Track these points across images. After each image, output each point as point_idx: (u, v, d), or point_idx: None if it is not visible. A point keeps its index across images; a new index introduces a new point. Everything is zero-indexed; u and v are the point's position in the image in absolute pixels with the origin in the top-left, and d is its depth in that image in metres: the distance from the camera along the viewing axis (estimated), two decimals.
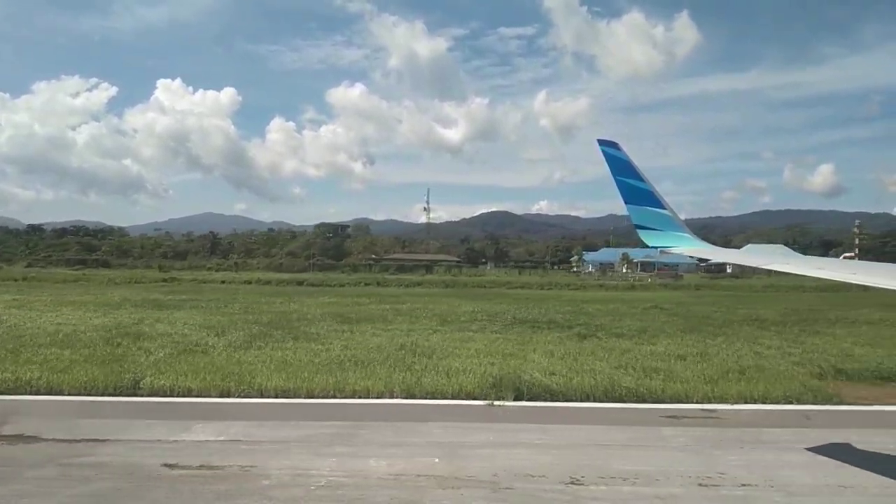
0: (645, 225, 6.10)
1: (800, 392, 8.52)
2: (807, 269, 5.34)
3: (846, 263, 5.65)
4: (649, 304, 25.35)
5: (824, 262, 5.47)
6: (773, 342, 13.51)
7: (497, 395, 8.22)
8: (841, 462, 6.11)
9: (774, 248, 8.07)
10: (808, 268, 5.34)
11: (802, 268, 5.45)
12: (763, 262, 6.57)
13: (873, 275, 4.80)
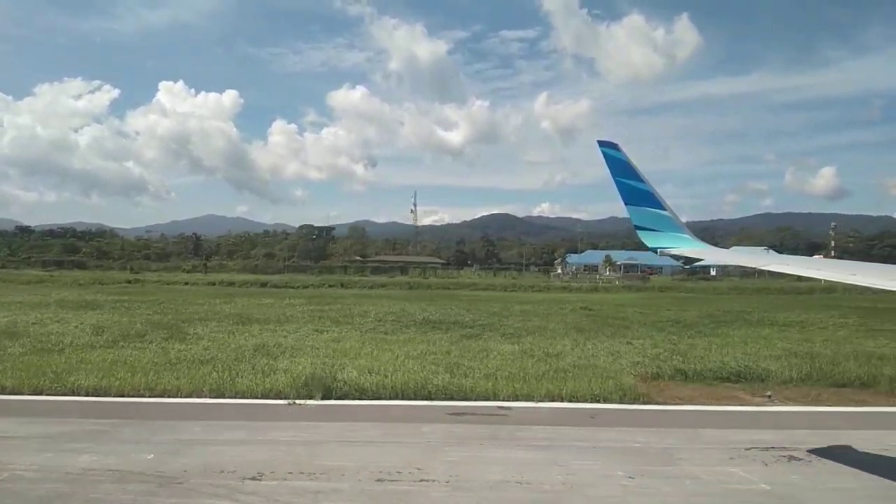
0: (645, 226, 6.09)
1: (609, 391, 8.57)
2: (805, 270, 5.33)
3: (845, 264, 5.61)
4: (583, 304, 25.37)
5: (822, 263, 5.46)
6: (646, 342, 13.59)
7: (305, 393, 8.36)
8: (586, 459, 6.18)
9: (757, 250, 8.27)
10: (807, 269, 5.33)
11: (801, 269, 5.44)
12: (763, 263, 6.76)
13: (872, 276, 4.84)
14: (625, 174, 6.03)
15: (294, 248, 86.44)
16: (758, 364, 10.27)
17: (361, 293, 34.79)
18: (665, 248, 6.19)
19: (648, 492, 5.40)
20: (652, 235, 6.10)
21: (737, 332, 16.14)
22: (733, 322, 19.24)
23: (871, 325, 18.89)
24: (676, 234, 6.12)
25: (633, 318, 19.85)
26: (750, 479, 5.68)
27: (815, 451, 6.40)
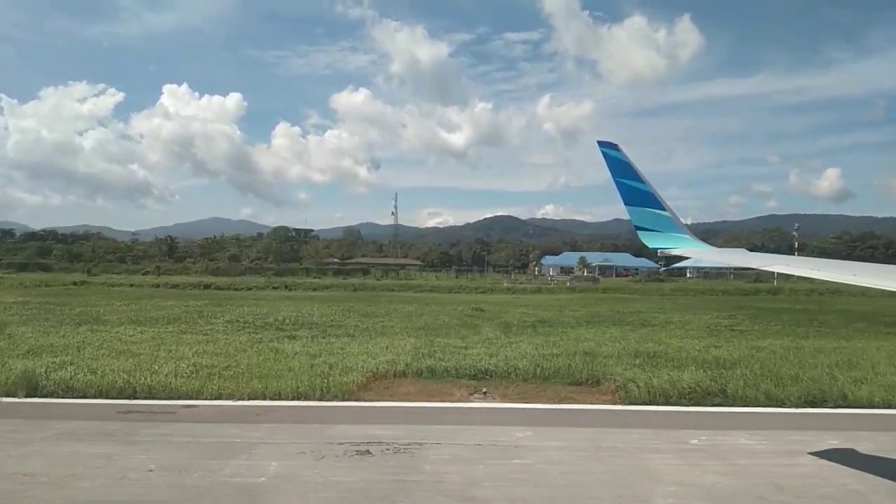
0: (645, 226, 6.08)
1: (313, 388, 8.66)
2: (806, 270, 5.34)
3: (846, 265, 5.45)
4: (478, 305, 25.36)
5: (823, 264, 5.35)
6: (451, 340, 13.58)
7: (13, 391, 8.48)
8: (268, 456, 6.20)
9: (735, 250, 8.23)
10: (808, 269, 5.32)
11: (802, 269, 5.47)
12: (762, 263, 6.60)
13: (872, 276, 4.82)
14: (625, 174, 6.03)
15: (269, 250, 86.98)
16: (510, 363, 10.32)
17: (292, 295, 34.94)
18: (665, 249, 6.19)
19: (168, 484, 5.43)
20: (652, 236, 6.09)
21: (586, 332, 16.13)
22: (605, 322, 19.41)
23: (741, 326, 18.75)
24: (677, 234, 6.10)
25: (510, 319, 19.68)
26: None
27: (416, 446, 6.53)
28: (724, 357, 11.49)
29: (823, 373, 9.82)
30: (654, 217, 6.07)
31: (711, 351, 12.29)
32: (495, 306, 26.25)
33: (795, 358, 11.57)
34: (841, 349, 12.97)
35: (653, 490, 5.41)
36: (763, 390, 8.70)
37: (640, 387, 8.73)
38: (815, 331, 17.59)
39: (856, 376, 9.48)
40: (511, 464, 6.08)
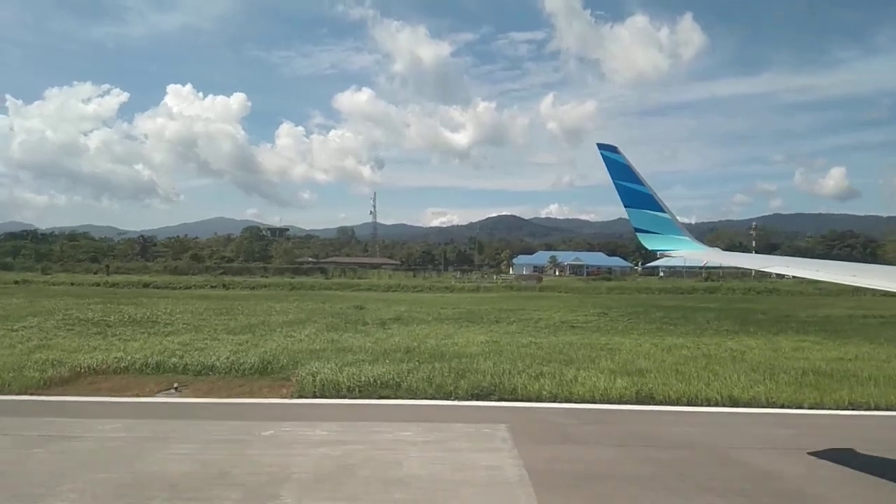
0: (644, 228, 6.16)
1: None
2: (807, 271, 5.31)
3: (845, 266, 5.52)
4: (360, 304, 25.53)
5: (822, 265, 5.42)
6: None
7: None
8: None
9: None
10: (807, 270, 5.32)
11: (801, 270, 5.45)
12: (762, 264, 6.58)
13: (872, 277, 4.88)
14: (624, 177, 6.10)
15: (240, 249, 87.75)
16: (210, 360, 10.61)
17: (208, 294, 35.28)
18: (664, 250, 6.25)
19: None
20: (651, 238, 6.15)
21: (417, 329, 16.61)
22: (469, 320, 19.66)
23: (593, 324, 18.85)
24: (675, 236, 6.16)
25: (374, 317, 19.78)
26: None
27: None
28: (475, 352, 11.72)
29: (543, 367, 9.99)
30: (654, 219, 6.12)
31: (472, 347, 12.69)
32: (393, 304, 26.35)
33: (543, 352, 11.92)
34: (638, 347, 13.09)
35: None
36: (437, 384, 8.85)
37: (315, 380, 8.90)
38: (672, 329, 17.58)
39: (573, 372, 9.66)
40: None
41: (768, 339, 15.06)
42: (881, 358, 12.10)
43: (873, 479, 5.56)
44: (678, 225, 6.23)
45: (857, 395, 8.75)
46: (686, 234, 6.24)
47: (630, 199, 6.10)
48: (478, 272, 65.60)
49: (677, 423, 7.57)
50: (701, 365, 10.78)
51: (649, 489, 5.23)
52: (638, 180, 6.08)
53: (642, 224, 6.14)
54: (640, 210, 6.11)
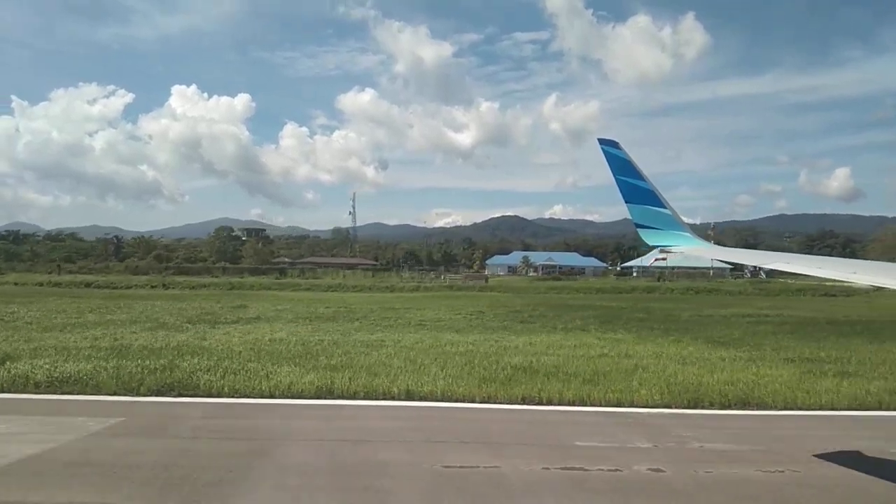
0: (645, 224, 6.16)
1: None
2: (808, 268, 5.41)
3: (846, 263, 5.50)
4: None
5: (824, 262, 5.47)
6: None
7: None
8: None
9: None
10: (810, 267, 5.40)
11: (803, 267, 5.54)
12: (765, 261, 6.74)
13: (872, 273, 4.95)
14: (625, 172, 6.09)
15: (212, 249, 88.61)
16: None
17: (129, 293, 35.64)
18: (665, 246, 6.35)
19: None
20: (652, 233, 6.16)
21: (246, 327, 16.50)
22: (318, 319, 19.58)
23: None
24: (676, 232, 6.17)
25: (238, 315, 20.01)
26: None
27: None
28: (234, 351, 11.92)
29: (257, 364, 10.14)
30: (655, 214, 6.11)
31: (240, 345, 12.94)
32: (284, 303, 26.71)
33: (300, 350, 12.09)
34: (432, 344, 13.28)
35: None
36: (124, 380, 9.04)
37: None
38: (521, 328, 17.65)
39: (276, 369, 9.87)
40: None
41: (578, 336, 15.16)
42: (642, 354, 12.27)
43: None
44: (679, 221, 6.22)
45: (530, 389, 8.82)
46: (687, 230, 6.24)
47: (631, 195, 6.08)
48: (435, 272, 65.72)
49: (300, 416, 7.70)
50: (434, 358, 11.00)
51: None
52: (639, 175, 6.07)
53: (643, 220, 6.12)
54: (641, 206, 6.08)
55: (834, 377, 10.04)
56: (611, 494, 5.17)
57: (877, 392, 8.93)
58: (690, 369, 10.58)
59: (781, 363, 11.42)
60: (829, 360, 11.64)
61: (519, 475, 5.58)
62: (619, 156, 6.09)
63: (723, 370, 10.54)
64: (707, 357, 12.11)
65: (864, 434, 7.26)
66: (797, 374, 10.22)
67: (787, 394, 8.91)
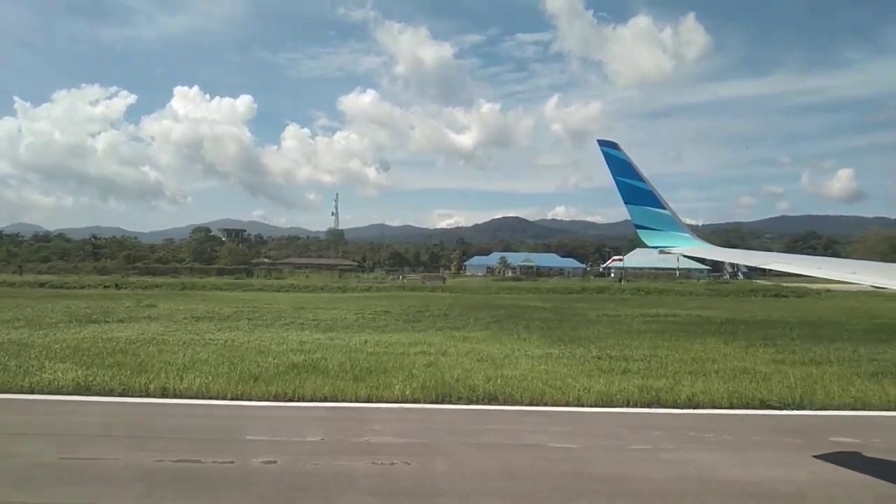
0: (645, 225, 6.20)
1: None
2: (807, 268, 5.42)
3: (845, 263, 5.57)
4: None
5: (823, 262, 5.49)
6: None
7: None
8: None
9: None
10: (809, 267, 5.41)
11: (803, 267, 5.54)
12: (763, 261, 6.77)
13: (872, 274, 4.95)
14: (625, 173, 6.15)
15: (189, 250, 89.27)
16: None
17: (70, 293, 36.05)
18: (665, 247, 6.29)
19: None
20: (652, 234, 6.21)
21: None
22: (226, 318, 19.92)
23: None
24: (676, 233, 6.21)
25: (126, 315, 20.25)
26: None
27: None
28: None
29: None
30: (654, 215, 6.15)
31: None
32: (198, 302, 27.00)
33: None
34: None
35: None
36: None
37: None
38: (402, 327, 17.78)
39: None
40: None
41: (437, 335, 15.26)
42: (462, 352, 12.34)
43: None
44: (679, 222, 6.27)
45: (285, 386, 8.92)
46: (686, 231, 6.29)
47: (630, 196, 6.12)
48: (396, 273, 66.00)
49: None
50: (240, 357, 11.13)
51: None
52: (638, 177, 6.12)
53: (643, 220, 6.17)
54: (641, 207, 6.13)
55: (615, 374, 10.09)
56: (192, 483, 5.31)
57: (626, 389, 8.95)
58: (481, 366, 10.67)
59: (579, 361, 11.49)
60: (636, 359, 11.66)
61: (124, 466, 5.72)
62: (619, 157, 6.14)
63: (515, 367, 10.63)
64: (526, 354, 12.19)
65: (555, 429, 7.31)
66: (575, 371, 10.28)
67: (540, 389, 8.96)
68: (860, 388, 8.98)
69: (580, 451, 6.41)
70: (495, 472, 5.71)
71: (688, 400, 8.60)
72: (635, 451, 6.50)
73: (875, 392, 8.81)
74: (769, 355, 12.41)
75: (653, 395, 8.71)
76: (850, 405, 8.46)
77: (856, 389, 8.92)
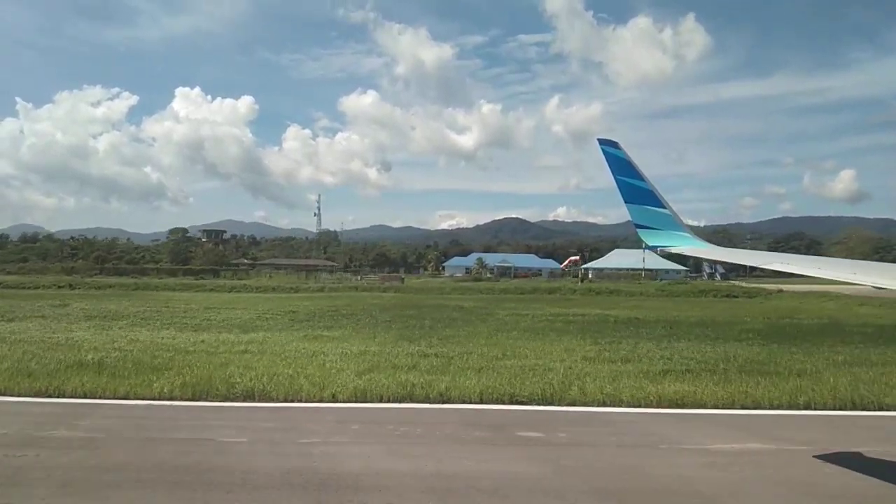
0: (645, 224, 6.20)
1: None
2: (806, 269, 5.39)
3: (846, 263, 5.58)
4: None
5: (823, 262, 5.52)
6: None
7: None
8: None
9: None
10: (808, 268, 5.39)
11: (803, 268, 5.49)
12: (763, 261, 6.84)
13: (872, 274, 4.93)
14: (625, 172, 6.15)
15: (167, 251, 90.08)
16: None
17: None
18: (665, 247, 6.39)
19: None
20: (652, 234, 6.22)
21: None
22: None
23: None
24: (676, 232, 6.22)
25: None
26: None
27: None
28: None
29: None
30: (654, 215, 6.14)
31: None
32: (135, 302, 27.14)
33: None
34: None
35: None
36: None
37: None
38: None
39: None
40: None
41: (295, 333, 15.37)
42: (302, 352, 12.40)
43: None
44: (679, 221, 6.28)
45: (48, 383, 9.03)
46: (686, 231, 6.30)
47: (630, 195, 6.12)
48: (355, 274, 66.39)
49: None
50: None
51: None
52: (638, 176, 6.12)
53: (642, 220, 6.17)
54: (641, 206, 6.12)
55: (403, 370, 10.14)
56: None
57: (387, 385, 8.92)
58: (281, 363, 10.70)
59: (389, 357, 11.53)
60: (451, 356, 11.70)
61: None
62: (619, 156, 6.14)
63: (310, 365, 10.66)
64: (344, 352, 12.21)
65: (268, 425, 7.38)
66: (366, 367, 10.32)
67: (300, 385, 9.02)
68: (618, 387, 8.97)
69: (244, 446, 6.48)
70: (110, 466, 5.80)
71: (439, 395, 8.65)
72: (301, 444, 6.57)
73: (629, 389, 8.81)
74: (585, 352, 12.44)
75: (408, 391, 8.77)
76: (599, 401, 8.51)
77: (612, 387, 8.92)
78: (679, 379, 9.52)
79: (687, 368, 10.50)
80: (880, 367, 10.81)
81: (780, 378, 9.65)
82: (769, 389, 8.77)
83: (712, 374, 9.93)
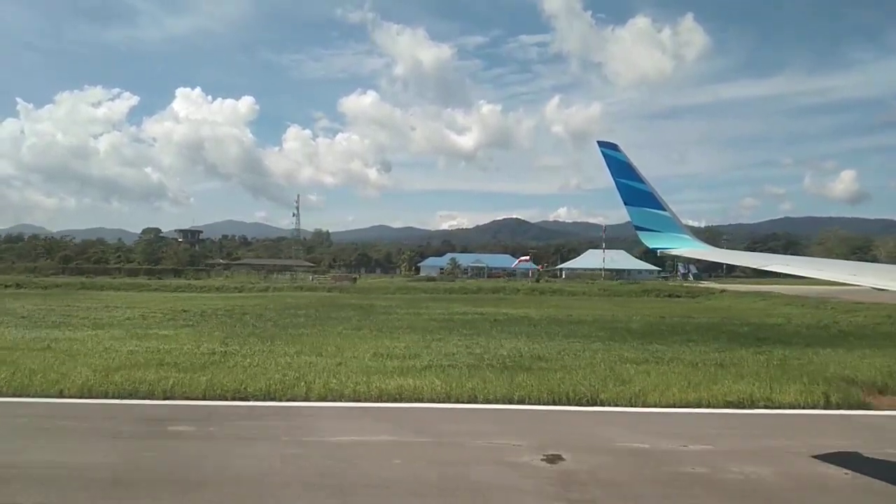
0: (644, 226, 6.26)
1: None
2: (806, 270, 5.41)
3: (846, 265, 5.64)
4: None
5: (823, 264, 5.61)
6: None
7: None
8: None
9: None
10: (808, 269, 5.42)
11: (802, 269, 5.48)
12: (762, 263, 6.83)
13: (872, 275, 4.95)
14: (624, 174, 6.19)
15: (139, 251, 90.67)
16: None
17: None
18: (665, 249, 6.37)
19: None
20: (652, 236, 6.28)
21: None
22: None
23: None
24: (676, 234, 6.28)
25: None
26: None
27: None
28: None
29: None
30: (654, 217, 6.20)
31: None
32: (52, 300, 27.32)
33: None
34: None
35: None
36: None
37: None
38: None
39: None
40: None
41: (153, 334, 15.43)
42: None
43: None
44: (679, 223, 6.35)
45: None
46: (686, 233, 6.37)
47: (630, 197, 6.18)
48: (310, 273, 66.49)
49: None
50: None
51: None
52: (638, 178, 6.17)
53: (643, 222, 6.24)
54: (641, 208, 6.19)
55: (180, 369, 9.95)
56: None
57: (151, 380, 8.89)
58: (63, 359, 10.67)
59: (186, 354, 11.53)
60: (252, 354, 11.67)
61: None
62: (619, 158, 6.19)
63: (89, 359, 10.69)
64: (148, 349, 12.17)
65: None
66: (141, 363, 10.32)
67: (54, 380, 8.99)
68: (342, 381, 8.91)
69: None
70: None
71: (202, 394, 8.56)
72: None
73: (353, 384, 8.80)
74: (391, 349, 12.43)
75: (134, 387, 8.73)
76: (321, 396, 8.52)
77: (336, 382, 8.89)
78: (421, 375, 9.43)
79: (451, 364, 10.48)
80: (665, 366, 10.76)
81: (534, 374, 9.64)
82: (497, 385, 8.77)
83: (469, 370, 9.95)
